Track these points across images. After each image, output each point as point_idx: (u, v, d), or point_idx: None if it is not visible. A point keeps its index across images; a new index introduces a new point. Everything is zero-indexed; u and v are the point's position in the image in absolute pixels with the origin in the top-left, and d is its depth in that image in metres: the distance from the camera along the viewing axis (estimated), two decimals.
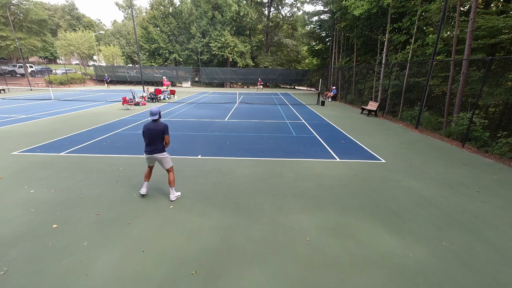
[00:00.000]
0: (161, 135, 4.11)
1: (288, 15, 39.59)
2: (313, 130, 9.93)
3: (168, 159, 4.30)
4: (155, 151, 4.13)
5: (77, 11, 54.33)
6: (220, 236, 3.43)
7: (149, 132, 4.07)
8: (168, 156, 4.32)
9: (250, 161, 6.35)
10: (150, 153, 4.15)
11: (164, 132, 4.11)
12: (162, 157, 4.21)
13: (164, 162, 4.28)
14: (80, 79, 33.46)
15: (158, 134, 4.08)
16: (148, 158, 4.26)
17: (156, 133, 4.07)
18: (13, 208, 3.97)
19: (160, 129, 4.07)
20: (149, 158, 4.26)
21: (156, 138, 4.09)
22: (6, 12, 27.72)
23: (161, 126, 4.09)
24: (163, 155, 4.21)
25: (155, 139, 4.09)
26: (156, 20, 35.51)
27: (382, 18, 16.21)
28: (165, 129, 4.11)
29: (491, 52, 10.86)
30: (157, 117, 4.10)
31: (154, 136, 4.08)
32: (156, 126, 4.08)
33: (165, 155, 4.25)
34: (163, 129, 4.09)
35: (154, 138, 4.08)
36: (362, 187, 5.01)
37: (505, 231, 3.71)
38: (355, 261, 3.04)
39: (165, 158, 4.26)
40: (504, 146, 7.29)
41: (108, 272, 2.79)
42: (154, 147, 4.12)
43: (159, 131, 4.07)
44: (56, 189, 4.65)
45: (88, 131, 8.98)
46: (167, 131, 4.16)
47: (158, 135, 4.08)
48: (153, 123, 4.09)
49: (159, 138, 4.11)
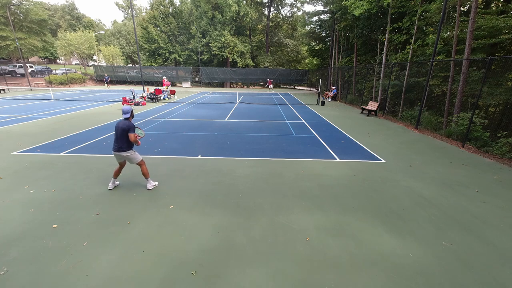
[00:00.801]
0: (125, 134, 4.26)
1: (288, 15, 39.61)
2: (313, 130, 9.93)
3: (134, 156, 4.47)
4: (120, 149, 4.33)
5: (77, 11, 54.34)
6: (220, 236, 3.43)
7: (116, 129, 4.31)
8: (134, 153, 4.47)
9: (250, 161, 6.35)
10: (115, 150, 4.37)
11: (128, 131, 4.24)
12: (127, 155, 4.39)
13: (131, 159, 4.46)
14: (80, 79, 33.46)
15: (122, 132, 4.24)
16: (115, 155, 4.46)
17: (121, 131, 4.24)
18: (13, 208, 3.97)
19: (124, 127, 4.23)
20: (115, 155, 4.46)
21: (121, 136, 4.26)
22: (6, 12, 27.73)
23: (126, 125, 4.25)
24: (128, 153, 4.38)
25: (120, 137, 4.27)
26: (156, 20, 35.50)
27: (382, 18, 16.21)
28: (130, 128, 4.26)
29: (491, 52, 10.86)
30: (128, 116, 4.31)
31: (119, 134, 4.26)
32: (123, 124, 4.26)
33: (130, 153, 4.41)
34: (127, 127, 4.24)
35: (119, 136, 4.27)
36: (362, 187, 5.01)
37: (505, 231, 3.71)
38: (355, 261, 3.04)
39: (131, 155, 4.43)
40: (504, 146, 7.29)
41: (108, 272, 2.79)
42: (119, 145, 4.31)
43: (124, 129, 4.23)
44: (56, 189, 4.65)
45: (88, 131, 8.98)
46: (132, 129, 4.29)
47: (122, 133, 4.24)
48: (122, 122, 4.29)
49: (123, 137, 4.27)
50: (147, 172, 4.65)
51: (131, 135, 4.27)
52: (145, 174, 4.62)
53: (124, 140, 4.29)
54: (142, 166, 4.59)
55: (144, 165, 4.61)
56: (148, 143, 7.66)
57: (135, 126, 4.39)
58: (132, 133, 4.29)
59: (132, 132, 4.29)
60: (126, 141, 4.31)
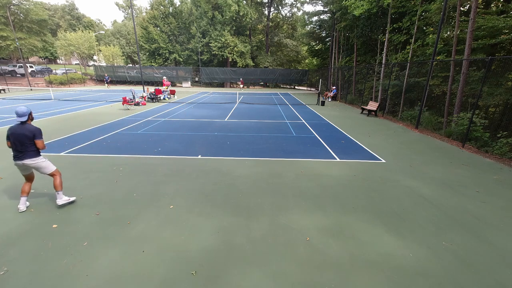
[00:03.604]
0: (29, 140, 3.60)
1: (288, 15, 39.64)
2: (313, 130, 9.93)
3: (44, 164, 3.83)
4: (22, 158, 3.64)
5: (77, 11, 54.37)
6: (220, 236, 3.43)
7: (13, 136, 3.56)
8: (44, 161, 3.84)
9: (250, 161, 6.35)
10: (17, 159, 3.65)
11: (34, 137, 3.61)
12: (33, 163, 3.69)
13: (40, 168, 3.80)
14: (80, 79, 33.46)
15: (25, 138, 3.57)
16: (18, 166, 3.73)
17: (23, 138, 3.56)
18: (13, 208, 3.96)
19: (27, 134, 3.56)
20: (18, 165, 3.73)
21: (22, 144, 3.59)
22: (6, 12, 27.73)
23: (30, 129, 3.60)
24: (35, 161, 3.70)
25: (22, 144, 3.59)
26: (156, 20, 35.50)
27: (382, 18, 16.21)
28: (35, 133, 3.61)
29: (491, 52, 10.85)
30: (25, 119, 3.59)
31: (20, 142, 3.57)
32: (22, 129, 3.57)
33: (38, 160, 3.74)
34: (32, 133, 3.59)
35: (20, 143, 3.58)
36: (362, 187, 5.01)
37: (505, 231, 3.70)
38: (355, 261, 3.03)
39: (39, 164, 3.77)
40: (504, 146, 7.29)
41: (108, 272, 2.79)
42: (21, 154, 3.63)
43: (26, 136, 3.56)
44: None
45: (88, 131, 8.98)
46: (39, 135, 3.66)
47: (25, 139, 3.57)
48: (19, 126, 3.59)
49: (27, 143, 3.60)
50: (60, 183, 3.96)
51: (38, 142, 3.64)
52: (57, 186, 3.91)
53: (28, 146, 3.62)
54: (56, 175, 3.93)
55: (58, 175, 3.97)
56: (148, 143, 7.66)
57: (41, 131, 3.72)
58: (40, 140, 3.66)
59: (39, 139, 3.64)
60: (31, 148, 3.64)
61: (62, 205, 4.03)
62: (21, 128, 3.59)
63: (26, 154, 3.65)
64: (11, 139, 3.60)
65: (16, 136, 3.57)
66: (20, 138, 3.57)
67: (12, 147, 3.64)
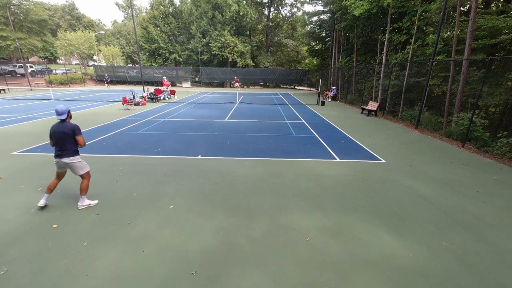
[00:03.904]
0: (69, 137, 3.71)
1: (288, 15, 39.62)
2: (313, 130, 9.93)
3: (80, 165, 3.90)
4: (62, 156, 3.74)
5: (77, 11, 54.37)
6: (220, 236, 3.43)
7: (54, 135, 3.71)
8: (80, 161, 3.90)
9: (250, 161, 6.35)
10: (57, 157, 3.78)
11: (74, 133, 3.73)
12: (71, 162, 3.79)
13: (75, 168, 3.88)
14: (80, 79, 33.46)
15: (65, 136, 3.69)
16: (57, 163, 3.85)
17: (64, 135, 3.69)
18: (13, 208, 3.97)
19: (67, 131, 3.69)
20: (57, 163, 3.84)
21: (63, 141, 3.70)
22: (6, 12, 27.74)
23: (70, 127, 3.72)
24: (73, 160, 3.80)
25: (63, 143, 3.71)
26: (156, 20, 35.51)
27: (382, 18, 16.21)
28: (75, 130, 3.74)
29: (491, 52, 10.85)
30: (65, 117, 3.72)
31: (61, 139, 3.69)
32: (62, 127, 3.70)
33: (76, 159, 3.84)
34: (72, 130, 3.72)
35: (61, 141, 3.70)
36: (362, 187, 5.01)
37: (505, 231, 3.70)
38: (355, 261, 3.03)
39: (77, 164, 3.86)
40: (504, 146, 7.29)
41: (108, 272, 2.79)
42: (62, 152, 3.74)
43: (66, 133, 3.69)
44: (56, 189, 4.64)
45: (88, 131, 8.98)
46: (79, 131, 3.78)
47: (66, 137, 3.69)
48: (60, 124, 3.72)
49: (67, 141, 3.72)
50: (87, 187, 4.01)
51: (79, 139, 3.75)
52: (83, 189, 3.97)
53: (68, 144, 3.72)
54: (85, 179, 3.98)
55: (88, 179, 4.02)
56: (148, 143, 7.66)
57: (80, 128, 3.85)
58: (80, 136, 3.77)
59: (79, 135, 3.76)
60: (71, 145, 3.75)
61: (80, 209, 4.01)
62: (61, 126, 3.71)
63: (66, 152, 3.76)
64: (53, 138, 3.74)
65: (57, 134, 3.70)
66: (61, 136, 3.70)
67: (55, 145, 3.78)
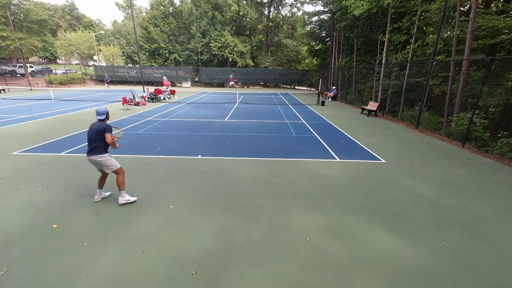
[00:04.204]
0: (100, 135, 3.81)
1: (288, 15, 39.63)
2: (313, 130, 9.93)
3: (110, 163, 3.99)
4: (92, 153, 3.87)
5: (77, 11, 54.34)
6: (220, 236, 3.43)
7: (89, 131, 3.88)
8: (108, 159, 3.98)
9: (250, 161, 6.35)
10: (88, 154, 3.92)
11: (105, 131, 3.81)
12: (100, 159, 3.89)
13: (105, 166, 3.98)
14: (80, 79, 33.46)
15: (97, 134, 3.81)
16: (88, 160, 3.98)
17: (96, 133, 3.81)
18: (13, 208, 3.97)
19: (99, 128, 3.81)
20: (88, 160, 3.98)
21: (94, 138, 3.83)
22: (6, 12, 27.73)
23: (101, 126, 3.83)
24: (101, 158, 3.90)
25: (93, 139, 3.84)
26: (156, 20, 35.50)
27: (382, 18, 16.21)
28: (106, 128, 3.82)
29: (491, 52, 10.85)
30: (103, 117, 3.90)
31: (93, 137, 3.83)
32: (97, 126, 3.84)
33: (104, 157, 3.92)
34: (103, 128, 3.81)
35: (93, 137, 3.84)
36: (362, 187, 5.01)
37: (505, 231, 3.71)
38: (355, 261, 3.03)
39: (105, 161, 3.94)
40: (504, 146, 7.29)
41: (108, 272, 2.79)
42: (91, 149, 3.87)
43: (99, 131, 3.80)
44: (56, 189, 4.65)
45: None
46: (109, 130, 3.85)
47: (97, 135, 3.82)
48: (97, 123, 3.89)
49: (97, 139, 3.83)
50: (123, 182, 4.10)
51: (107, 135, 3.82)
52: (120, 185, 4.08)
53: (98, 142, 3.83)
54: (119, 175, 4.08)
55: (122, 174, 4.11)
56: (148, 143, 7.66)
57: (111, 127, 3.95)
58: (109, 134, 3.84)
59: (109, 133, 3.84)
60: (100, 143, 3.85)
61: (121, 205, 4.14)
62: (97, 124, 3.88)
63: (95, 150, 3.87)
64: (87, 135, 3.90)
65: (90, 131, 3.87)
66: (93, 133, 3.84)
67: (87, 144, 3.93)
